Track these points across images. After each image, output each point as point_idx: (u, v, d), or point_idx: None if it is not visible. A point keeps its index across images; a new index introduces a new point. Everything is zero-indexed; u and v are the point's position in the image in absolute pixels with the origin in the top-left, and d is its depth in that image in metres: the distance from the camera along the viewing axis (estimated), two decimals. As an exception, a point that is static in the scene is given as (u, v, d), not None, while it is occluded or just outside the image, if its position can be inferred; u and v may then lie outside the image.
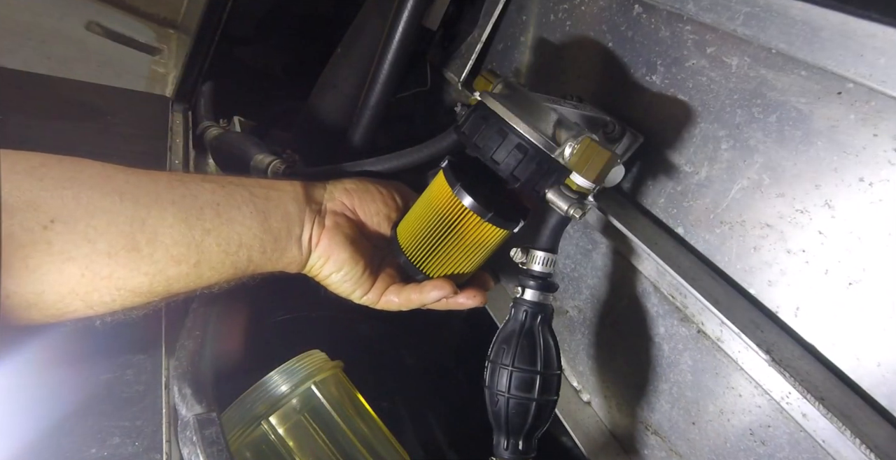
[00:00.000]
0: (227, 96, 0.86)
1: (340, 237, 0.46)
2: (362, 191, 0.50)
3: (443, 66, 0.77)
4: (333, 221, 0.47)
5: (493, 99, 0.43)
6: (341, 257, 0.46)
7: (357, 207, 0.49)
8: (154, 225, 0.38)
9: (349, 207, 0.49)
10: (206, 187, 0.42)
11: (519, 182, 0.42)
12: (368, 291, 0.48)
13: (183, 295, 0.42)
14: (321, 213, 0.47)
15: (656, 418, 0.48)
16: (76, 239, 0.35)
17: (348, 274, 0.47)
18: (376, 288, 0.49)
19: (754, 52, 0.40)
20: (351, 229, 0.48)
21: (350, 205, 0.49)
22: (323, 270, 0.47)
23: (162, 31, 1.01)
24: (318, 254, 0.46)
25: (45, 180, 0.35)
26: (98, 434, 0.38)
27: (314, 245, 0.46)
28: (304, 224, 0.46)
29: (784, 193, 0.39)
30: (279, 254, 0.44)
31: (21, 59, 0.76)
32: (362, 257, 0.47)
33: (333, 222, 0.47)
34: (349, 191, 0.50)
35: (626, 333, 0.51)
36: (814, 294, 0.37)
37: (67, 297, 0.36)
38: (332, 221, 0.47)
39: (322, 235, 0.46)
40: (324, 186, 0.49)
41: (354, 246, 0.47)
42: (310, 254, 0.46)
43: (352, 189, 0.50)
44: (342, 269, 0.46)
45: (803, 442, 0.37)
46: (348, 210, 0.49)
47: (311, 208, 0.47)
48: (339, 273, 0.47)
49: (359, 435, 0.52)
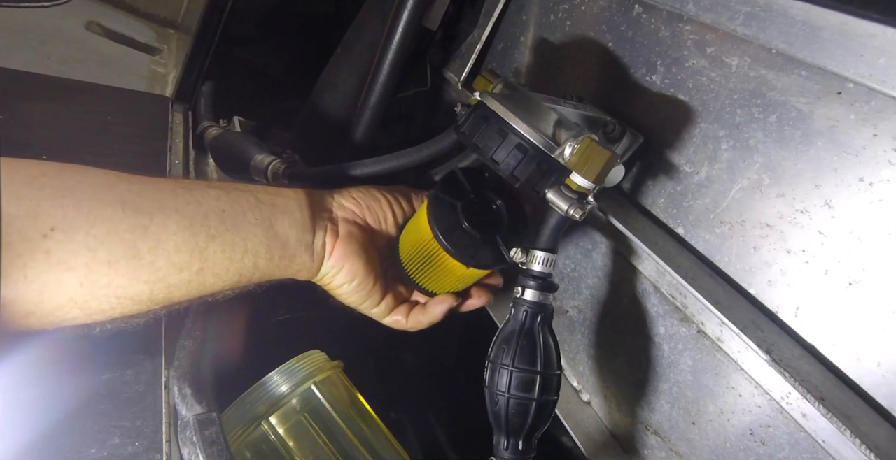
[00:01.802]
0: (227, 96, 0.86)
1: (355, 245, 0.46)
2: (370, 198, 0.50)
3: (443, 66, 0.77)
4: (347, 230, 0.47)
5: (493, 99, 0.43)
6: (355, 266, 0.46)
7: (367, 215, 0.49)
8: (157, 232, 0.37)
9: (359, 215, 0.49)
10: (211, 194, 0.41)
11: (519, 182, 0.42)
12: (378, 303, 0.48)
13: (185, 303, 0.41)
14: (333, 221, 0.47)
15: (656, 418, 0.48)
16: (75, 248, 0.35)
17: (360, 284, 0.47)
18: (386, 302, 0.49)
19: (754, 52, 0.40)
20: (363, 238, 0.48)
21: (360, 213, 0.49)
22: (336, 279, 0.46)
23: (162, 31, 1.01)
24: (332, 262, 0.46)
25: (45, 189, 0.35)
26: (98, 434, 0.38)
27: (328, 253, 0.46)
28: (317, 231, 0.45)
29: (784, 193, 0.39)
30: (288, 261, 0.44)
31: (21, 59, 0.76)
32: (374, 268, 0.47)
33: (347, 231, 0.46)
34: (356, 198, 0.49)
35: (626, 333, 0.51)
36: (814, 294, 0.37)
37: (66, 306, 0.35)
38: (346, 230, 0.46)
39: (337, 244, 0.46)
40: (331, 195, 0.49)
41: (368, 255, 0.47)
42: (322, 262, 0.46)
43: (358, 197, 0.50)
44: (355, 280, 0.46)
45: (803, 442, 0.37)
46: (358, 218, 0.49)
47: (322, 216, 0.46)
48: (351, 283, 0.46)
49: (359, 435, 0.52)
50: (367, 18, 0.75)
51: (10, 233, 0.33)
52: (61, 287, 0.35)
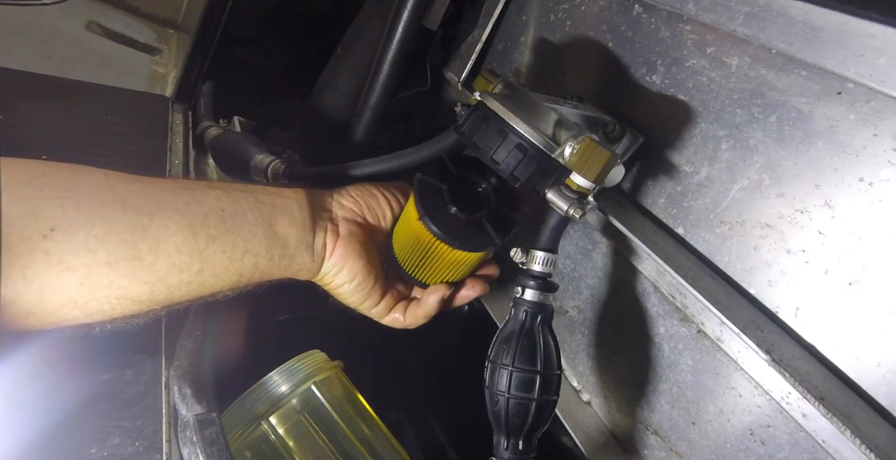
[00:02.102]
0: (227, 96, 0.86)
1: (355, 245, 0.46)
2: (368, 196, 0.50)
3: (443, 66, 0.77)
4: (348, 230, 0.47)
5: (493, 99, 0.43)
6: (356, 266, 0.46)
7: (366, 213, 0.49)
8: (157, 233, 0.37)
9: (358, 214, 0.49)
10: (211, 194, 0.41)
11: (519, 182, 0.42)
12: (378, 303, 0.48)
13: (185, 303, 0.41)
14: (333, 221, 0.47)
15: (656, 418, 0.48)
16: (76, 248, 0.35)
17: (361, 284, 0.47)
18: (385, 301, 0.49)
19: (754, 52, 0.40)
20: (363, 237, 0.48)
21: (359, 212, 0.49)
22: (336, 279, 0.47)
23: (162, 31, 1.01)
24: (333, 262, 0.46)
25: (45, 189, 0.35)
26: (98, 434, 0.38)
27: (329, 253, 0.46)
28: (317, 231, 0.45)
29: (784, 193, 0.39)
30: (288, 261, 0.44)
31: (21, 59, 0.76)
32: (374, 267, 0.47)
33: (348, 230, 0.47)
34: (355, 197, 0.49)
35: (626, 333, 0.51)
36: (814, 294, 0.37)
37: (66, 306, 0.35)
38: (347, 230, 0.47)
39: (337, 244, 0.46)
40: (331, 194, 0.49)
41: (368, 255, 0.47)
42: (323, 262, 0.46)
43: (357, 195, 0.50)
44: (355, 279, 0.46)
45: (803, 442, 0.37)
46: (358, 217, 0.49)
47: (322, 216, 0.46)
48: (351, 283, 0.46)
49: (359, 435, 0.52)
50: (367, 18, 0.75)
51: (10, 233, 0.33)
52: (61, 287, 0.35)
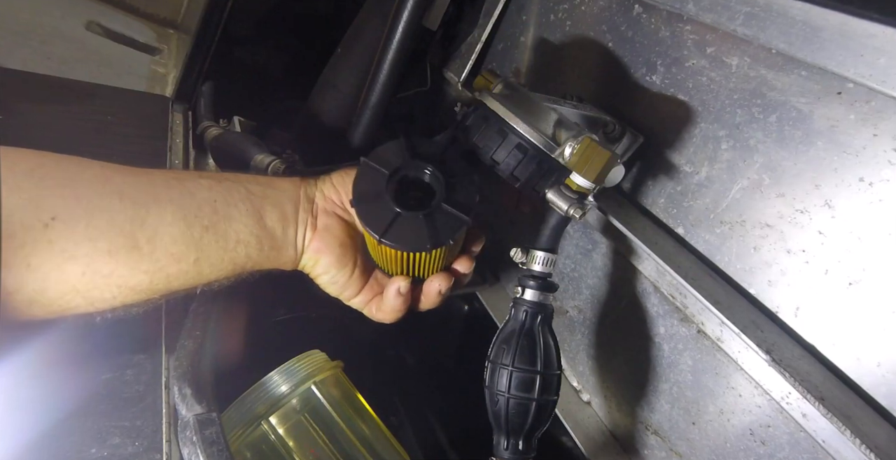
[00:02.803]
0: (227, 96, 0.86)
1: (329, 239, 0.46)
2: (349, 182, 0.50)
3: (443, 66, 0.77)
4: (324, 223, 0.47)
5: (493, 99, 0.43)
6: (328, 260, 0.46)
7: (346, 201, 0.49)
8: (154, 224, 0.38)
9: (338, 204, 0.49)
10: (203, 184, 0.42)
11: (519, 182, 0.42)
12: (356, 294, 0.48)
13: (183, 292, 0.42)
14: (313, 213, 0.47)
15: (656, 418, 0.48)
16: (77, 237, 0.35)
17: (335, 276, 0.47)
18: (364, 293, 0.49)
19: (754, 52, 0.40)
20: (341, 230, 0.47)
21: (339, 202, 0.49)
22: (314, 270, 0.47)
23: (162, 31, 1.01)
24: (309, 255, 0.46)
25: (45, 180, 0.36)
26: (98, 434, 0.38)
27: (306, 245, 0.46)
28: (299, 224, 0.46)
29: (784, 193, 0.39)
30: (276, 252, 0.44)
31: (21, 59, 0.76)
32: (350, 260, 0.47)
33: (324, 224, 0.47)
34: (336, 185, 0.49)
35: (626, 333, 0.51)
36: (814, 294, 0.37)
37: (69, 294, 0.36)
38: (323, 223, 0.47)
39: (314, 237, 0.46)
40: (315, 183, 0.49)
41: (343, 249, 0.47)
42: (302, 254, 0.46)
43: (339, 183, 0.49)
44: (329, 272, 0.47)
45: (803, 442, 0.37)
46: (338, 207, 0.49)
47: (306, 208, 0.47)
48: (326, 275, 0.47)
49: (359, 435, 0.52)
50: (367, 18, 0.75)
51: (12, 222, 0.33)
52: (64, 276, 0.35)
